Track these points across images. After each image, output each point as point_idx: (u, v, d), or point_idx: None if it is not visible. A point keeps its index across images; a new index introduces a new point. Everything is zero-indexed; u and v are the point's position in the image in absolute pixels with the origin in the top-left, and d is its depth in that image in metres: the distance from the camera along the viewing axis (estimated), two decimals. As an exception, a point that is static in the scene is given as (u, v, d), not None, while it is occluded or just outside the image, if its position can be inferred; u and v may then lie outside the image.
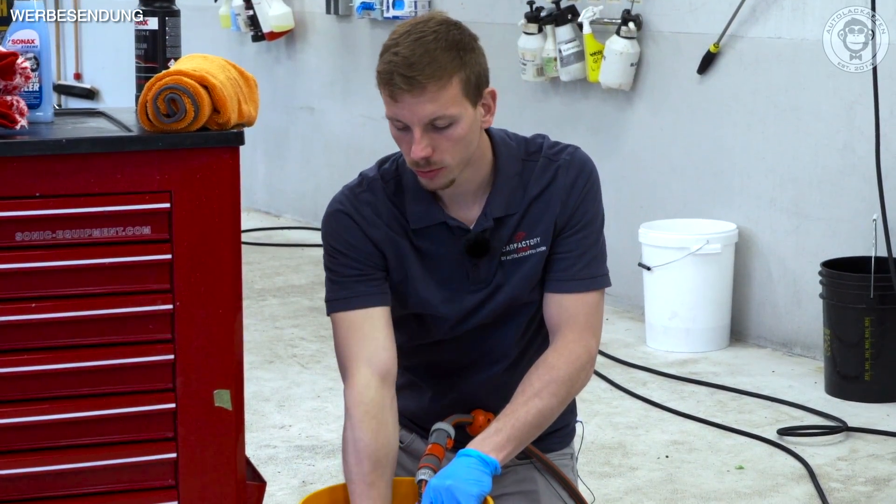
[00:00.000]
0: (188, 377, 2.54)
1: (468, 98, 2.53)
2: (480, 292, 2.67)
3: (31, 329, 2.45)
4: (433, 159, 2.53)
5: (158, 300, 2.51)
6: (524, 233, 2.66)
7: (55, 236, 2.44)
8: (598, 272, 2.67)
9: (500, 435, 2.54)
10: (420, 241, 2.66)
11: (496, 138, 2.68)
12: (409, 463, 2.79)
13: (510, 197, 2.65)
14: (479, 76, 2.55)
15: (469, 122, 2.54)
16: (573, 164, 2.66)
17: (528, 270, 2.66)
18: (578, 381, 2.66)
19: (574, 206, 2.65)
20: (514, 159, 2.66)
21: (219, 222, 2.52)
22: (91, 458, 2.51)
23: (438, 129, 2.51)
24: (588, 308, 2.65)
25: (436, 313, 2.68)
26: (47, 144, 2.41)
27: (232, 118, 2.52)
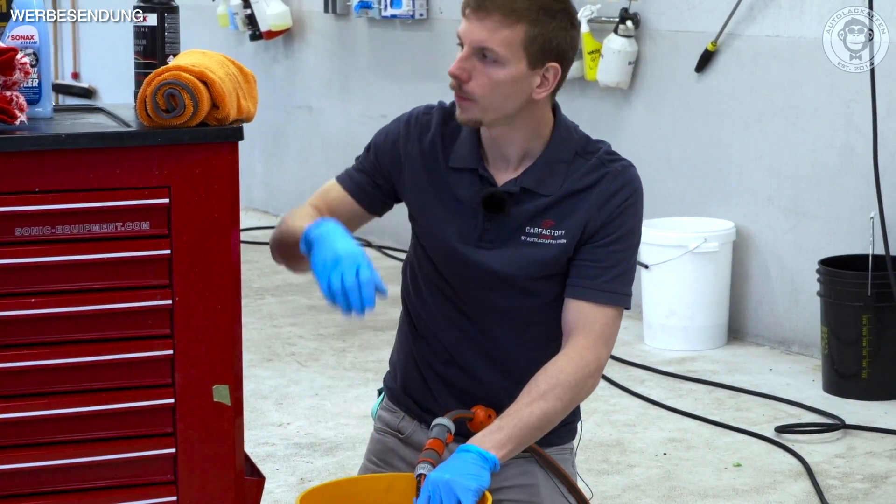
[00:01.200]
0: (187, 372, 2.54)
1: (526, 54, 2.56)
2: (485, 252, 2.67)
3: (31, 324, 2.46)
4: (465, 87, 2.57)
5: (157, 295, 2.51)
6: (553, 221, 2.65)
7: (54, 231, 2.44)
8: (623, 290, 2.66)
9: (502, 433, 2.54)
10: (452, 179, 2.70)
11: (561, 122, 2.69)
12: (410, 455, 2.79)
13: (548, 177, 2.66)
14: (548, 43, 2.57)
15: (514, 75, 2.56)
16: (622, 176, 2.67)
17: (540, 257, 2.65)
18: (585, 388, 2.64)
19: (609, 215, 2.64)
20: (569, 149, 2.68)
21: (218, 217, 2.52)
22: (90, 454, 2.51)
23: (484, 61, 2.56)
24: (606, 319, 2.65)
25: (440, 248, 2.70)
26: (46, 140, 2.41)
27: (231, 114, 2.53)
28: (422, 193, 2.72)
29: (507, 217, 2.66)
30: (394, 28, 7.94)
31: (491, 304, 2.70)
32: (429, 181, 2.71)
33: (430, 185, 2.71)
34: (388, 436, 2.83)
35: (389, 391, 2.86)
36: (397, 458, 2.80)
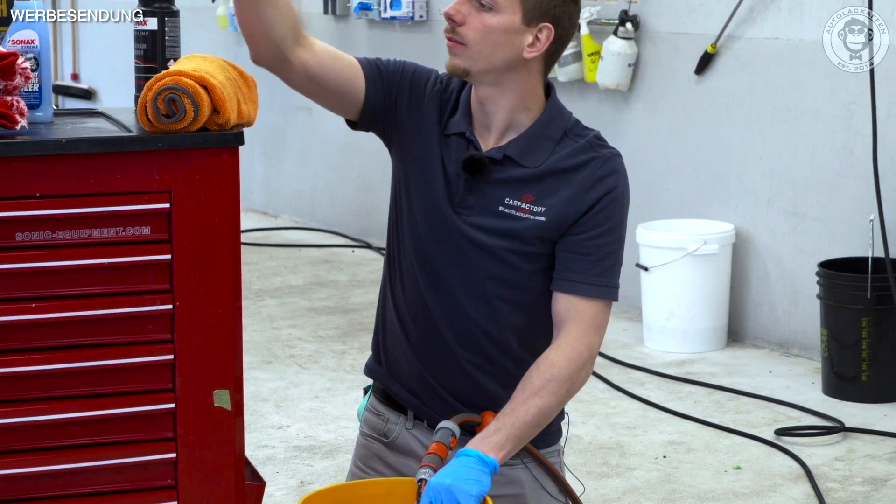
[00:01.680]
0: (187, 377, 2.53)
1: (522, 8, 2.58)
2: (461, 217, 2.65)
3: (32, 329, 2.45)
4: (459, 29, 2.59)
5: (158, 300, 2.50)
6: (533, 196, 2.63)
7: (55, 236, 2.44)
8: (613, 283, 2.65)
9: (500, 434, 2.53)
10: (443, 143, 2.69)
11: (554, 102, 2.70)
12: (395, 460, 2.77)
13: (533, 151, 2.65)
14: (547, 5, 2.60)
15: (506, 24, 2.59)
16: (610, 163, 2.65)
17: (514, 230, 2.63)
18: (578, 380, 2.64)
19: (595, 202, 2.62)
20: (558, 126, 2.67)
21: (218, 222, 2.52)
22: (91, 458, 2.51)
23: (480, 8, 2.58)
24: (596, 310, 2.63)
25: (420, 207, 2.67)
26: (47, 145, 2.41)
27: (231, 118, 2.52)
28: (416, 146, 2.70)
29: (487, 185, 2.64)
30: (393, 29, 7.94)
31: (463, 273, 2.66)
32: (428, 134, 2.69)
33: (425, 142, 2.69)
34: (373, 441, 2.80)
35: (369, 370, 2.84)
36: (382, 464, 2.78)
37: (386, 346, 2.77)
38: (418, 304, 2.69)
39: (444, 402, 2.69)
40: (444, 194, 2.66)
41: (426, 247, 2.67)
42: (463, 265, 2.66)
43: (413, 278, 2.69)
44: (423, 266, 2.68)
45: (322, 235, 8.50)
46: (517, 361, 2.68)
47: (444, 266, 2.66)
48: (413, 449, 2.74)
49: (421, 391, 2.71)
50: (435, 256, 2.67)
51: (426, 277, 2.67)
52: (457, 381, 2.69)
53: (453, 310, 2.67)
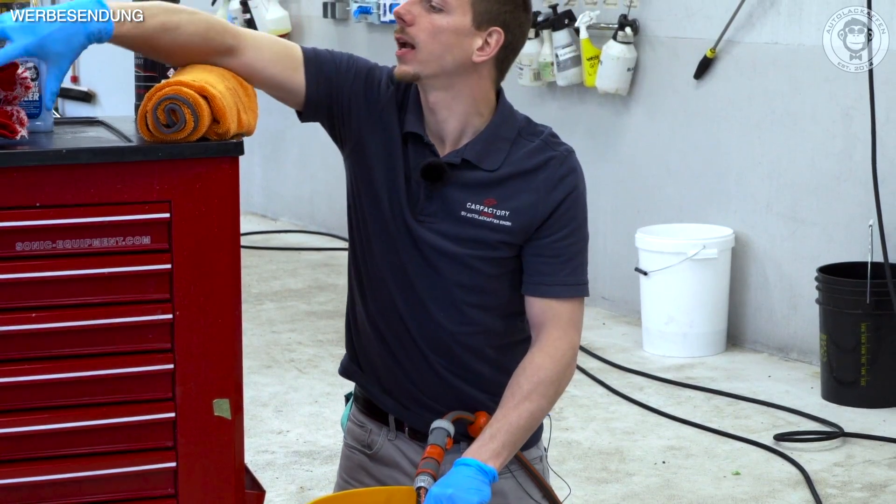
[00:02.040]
0: (188, 386, 2.54)
1: (473, 11, 2.58)
2: (421, 225, 2.63)
3: (32, 339, 2.45)
4: (408, 29, 2.58)
5: (158, 310, 2.51)
6: (495, 200, 2.62)
7: (55, 246, 2.44)
8: (583, 280, 2.65)
9: (496, 441, 2.54)
10: (404, 149, 2.66)
11: (503, 103, 2.69)
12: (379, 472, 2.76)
13: (490, 153, 2.63)
14: (497, 8, 2.60)
15: (457, 27, 2.57)
16: (567, 162, 2.65)
17: (479, 234, 2.62)
18: (565, 379, 2.65)
19: (557, 202, 2.62)
20: (511, 127, 2.66)
21: (218, 232, 2.52)
22: (91, 468, 2.51)
23: (429, 8, 2.57)
24: (572, 308, 2.64)
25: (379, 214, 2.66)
26: (47, 155, 2.41)
27: (231, 128, 2.53)
28: (379, 150, 2.67)
29: (447, 190, 2.63)
30: (392, 33, 7.94)
31: (430, 281, 2.65)
32: (388, 143, 2.67)
33: (388, 147, 2.66)
34: (357, 452, 2.80)
35: (344, 370, 2.82)
36: (367, 476, 2.78)
37: (361, 347, 2.76)
38: (389, 309, 2.68)
39: (422, 405, 2.69)
40: (406, 201, 2.64)
41: (392, 255, 2.66)
42: (429, 273, 2.65)
43: (382, 284, 2.68)
44: (390, 273, 2.66)
45: (322, 238, 8.50)
46: (493, 365, 2.68)
47: (412, 274, 2.65)
48: (396, 461, 2.74)
49: (399, 394, 2.71)
50: (401, 264, 2.66)
51: (395, 284, 2.66)
52: (433, 386, 2.69)
53: (423, 317, 2.66)
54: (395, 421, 2.73)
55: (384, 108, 2.68)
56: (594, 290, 6.78)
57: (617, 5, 6.58)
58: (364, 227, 2.70)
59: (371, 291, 2.70)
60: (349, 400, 2.86)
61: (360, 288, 2.74)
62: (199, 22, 2.54)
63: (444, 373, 2.67)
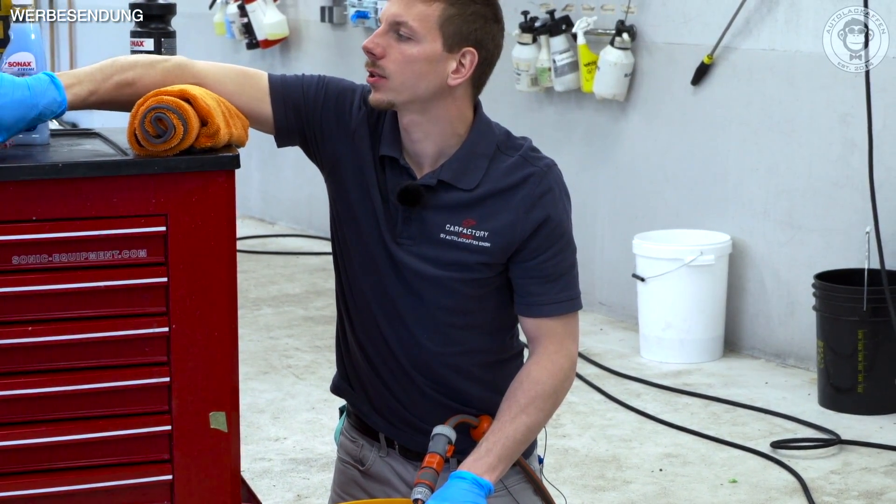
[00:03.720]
0: (184, 399, 2.54)
1: (441, 34, 2.52)
2: (400, 248, 2.60)
3: (28, 352, 2.46)
4: (378, 62, 2.55)
5: (154, 323, 2.51)
6: (474, 221, 2.58)
7: (51, 260, 2.44)
8: (575, 294, 2.63)
9: (492, 455, 2.54)
10: (377, 169, 2.63)
11: (481, 117, 2.63)
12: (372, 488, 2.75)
13: (468, 171, 2.59)
14: (466, 27, 2.54)
15: (427, 53, 2.53)
16: (547, 178, 2.60)
17: (459, 257, 2.59)
18: (563, 392, 2.64)
19: (538, 223, 2.58)
20: (488, 142, 2.61)
21: (214, 245, 2.52)
22: (87, 481, 2.51)
23: (398, 38, 2.53)
24: (566, 322, 2.63)
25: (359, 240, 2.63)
26: (43, 169, 2.41)
27: (221, 127, 2.52)
28: (355, 174, 2.64)
29: (425, 213, 2.59)
30: (390, 38, 7.94)
31: (412, 303, 2.63)
32: (363, 167, 2.63)
33: (363, 171, 2.63)
34: (349, 467, 2.80)
35: (335, 388, 2.81)
36: (360, 491, 2.77)
37: (350, 365, 2.75)
38: (373, 331, 2.67)
39: (410, 425, 2.68)
40: (386, 226, 2.61)
41: (374, 279, 2.64)
42: (411, 295, 2.62)
43: (366, 307, 2.66)
44: (373, 296, 2.65)
45: (319, 243, 8.50)
46: (481, 384, 2.67)
47: (393, 296, 2.63)
48: (388, 478, 2.73)
49: (388, 413, 2.70)
50: (383, 286, 2.63)
51: (378, 309, 2.65)
52: (420, 405, 2.68)
53: (407, 339, 2.64)
54: (385, 439, 2.73)
55: (356, 131, 2.64)
56: (591, 295, 6.81)
57: (614, 11, 6.58)
58: (346, 248, 2.68)
59: (356, 314, 2.69)
60: (343, 413, 2.86)
61: (346, 310, 2.73)
62: (156, 72, 2.55)
63: (430, 393, 2.66)
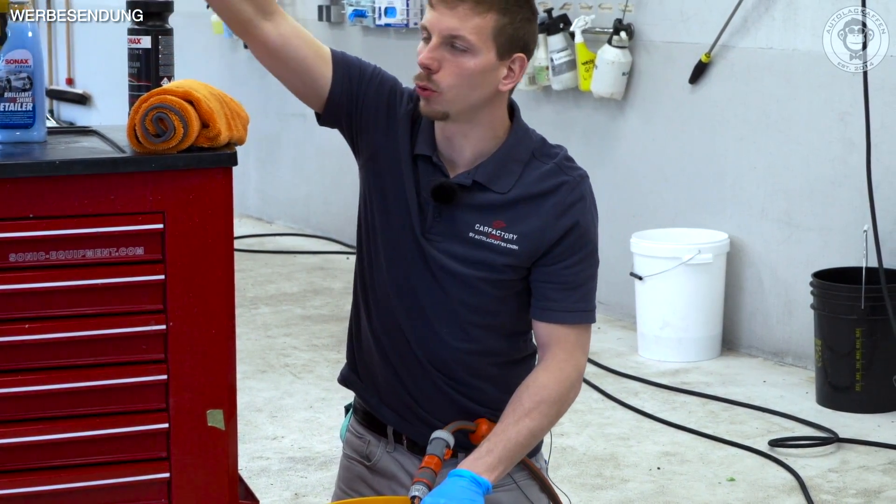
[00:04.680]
0: (181, 397, 2.54)
1: (495, 44, 2.54)
2: (429, 243, 2.62)
3: (25, 350, 2.46)
4: (433, 77, 2.53)
5: (152, 320, 2.51)
6: (504, 223, 2.61)
7: (49, 257, 2.45)
8: (591, 307, 2.65)
9: (492, 455, 2.54)
10: (414, 167, 2.65)
11: (519, 122, 2.66)
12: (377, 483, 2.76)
13: (502, 175, 2.61)
14: (516, 34, 2.56)
15: (483, 65, 2.54)
16: (579, 187, 2.63)
17: (489, 259, 2.61)
18: (568, 400, 2.65)
19: (566, 229, 2.61)
20: (525, 148, 2.64)
21: (212, 242, 2.53)
22: (85, 479, 2.52)
23: (453, 51, 2.52)
24: (579, 332, 2.64)
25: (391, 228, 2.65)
26: (40, 166, 2.42)
27: (222, 130, 2.52)
28: (392, 165, 2.65)
29: (456, 211, 2.61)
30: (388, 36, 7.95)
31: (435, 298, 2.64)
32: (401, 159, 2.64)
33: (399, 164, 2.64)
34: (355, 463, 2.80)
35: (344, 379, 2.82)
36: (365, 486, 2.77)
37: (362, 358, 2.75)
38: (392, 324, 2.67)
39: (421, 420, 2.69)
40: (417, 220, 2.62)
41: (399, 271, 2.65)
42: (435, 290, 2.64)
43: (387, 299, 2.67)
44: (396, 289, 2.65)
45: (317, 242, 8.50)
46: (495, 382, 2.68)
47: (418, 291, 2.64)
48: (394, 473, 2.74)
49: (398, 406, 2.71)
50: (408, 281, 2.64)
51: (399, 300, 2.65)
52: (433, 400, 2.68)
53: (427, 333, 2.65)
54: (393, 433, 2.73)
55: (400, 123, 2.65)
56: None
57: (612, 10, 6.58)
58: (373, 239, 2.68)
59: (375, 304, 2.69)
60: (349, 411, 2.86)
61: (364, 300, 2.72)
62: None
63: (445, 388, 2.67)
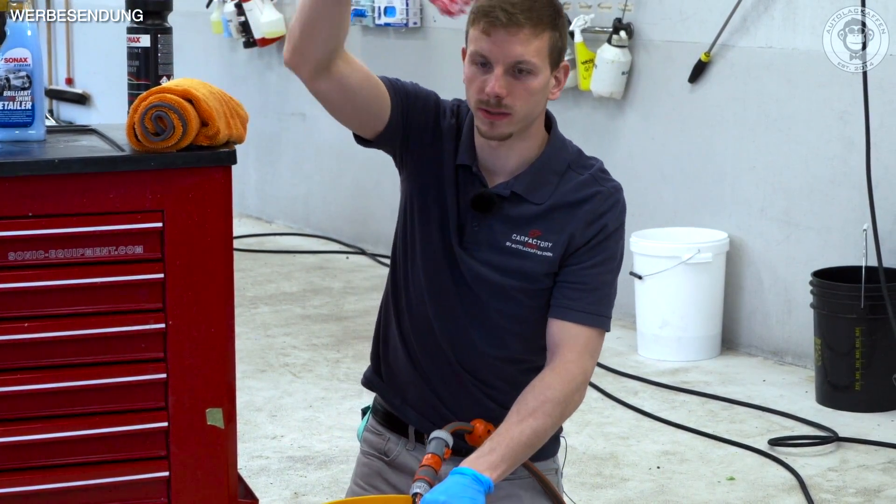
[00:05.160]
0: (180, 396, 2.54)
1: (550, 59, 2.60)
2: (466, 253, 2.67)
3: (24, 348, 2.46)
4: (505, 101, 2.58)
5: (151, 319, 2.51)
6: (540, 231, 2.66)
7: (48, 256, 2.45)
8: (606, 312, 2.69)
9: (495, 454, 2.55)
10: (454, 174, 2.69)
11: (556, 133, 2.71)
12: (396, 479, 2.78)
13: (540, 186, 2.67)
14: (563, 44, 2.64)
15: (544, 81, 2.60)
16: (612, 197, 2.69)
17: (526, 268, 2.66)
18: (573, 403, 2.67)
19: (595, 235, 2.66)
20: (562, 160, 2.70)
21: (211, 241, 2.53)
22: (85, 477, 2.52)
23: (518, 75, 2.57)
24: (590, 335, 2.67)
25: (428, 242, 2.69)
26: (39, 165, 2.42)
27: (221, 129, 2.53)
28: (434, 178, 2.70)
29: (494, 221, 2.66)
30: (387, 36, 7.94)
31: (471, 306, 2.69)
32: (443, 173, 2.70)
33: (442, 177, 2.70)
34: (374, 458, 2.82)
35: (367, 382, 2.85)
36: (383, 482, 2.79)
37: (387, 360, 2.79)
38: (424, 327, 2.72)
39: (444, 420, 2.71)
40: (456, 230, 2.68)
41: (436, 278, 2.70)
42: (472, 299, 2.69)
43: (421, 304, 2.71)
44: (431, 295, 2.70)
45: (316, 241, 8.50)
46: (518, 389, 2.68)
47: (453, 298, 2.69)
48: (413, 468, 2.74)
49: (423, 407, 2.74)
50: (444, 288, 2.70)
51: (434, 306, 2.70)
52: (460, 401, 2.73)
53: (460, 339, 2.70)
54: (414, 432, 2.77)
55: (444, 137, 2.70)
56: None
57: (612, 9, 6.58)
58: (412, 244, 2.73)
59: (408, 307, 2.74)
60: (365, 413, 2.89)
61: (395, 304, 2.77)
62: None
63: (472, 389, 2.71)
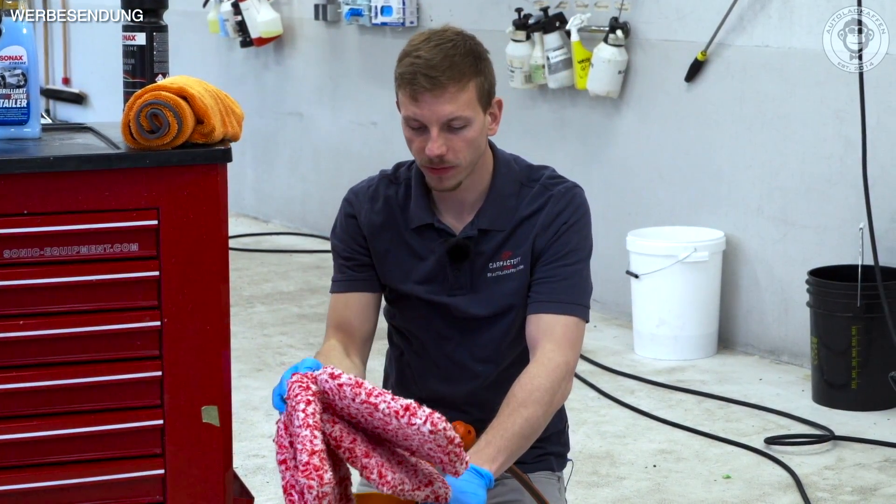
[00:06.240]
0: (176, 393, 2.53)
1: (480, 103, 2.71)
2: (459, 297, 2.79)
3: (19, 346, 2.45)
4: (447, 158, 2.68)
5: (146, 317, 2.50)
6: (510, 252, 2.78)
7: (43, 254, 2.44)
8: (579, 300, 2.77)
9: (491, 447, 2.57)
10: (412, 241, 2.81)
11: (499, 157, 2.83)
12: None
13: (500, 214, 2.79)
14: (490, 84, 2.74)
15: (480, 127, 2.71)
16: (565, 196, 2.79)
17: (508, 288, 2.78)
18: (560, 392, 2.73)
19: (555, 234, 2.77)
20: (513, 181, 2.81)
21: (206, 239, 2.52)
22: (79, 475, 2.51)
23: (453, 130, 2.68)
24: (566, 325, 2.75)
25: (414, 307, 2.84)
26: (35, 162, 2.41)
27: (216, 126, 2.52)
28: (387, 256, 2.83)
29: (472, 260, 2.79)
30: (384, 35, 7.94)
31: (471, 345, 2.82)
32: (390, 244, 2.82)
33: (392, 247, 2.82)
34: None
35: None
36: None
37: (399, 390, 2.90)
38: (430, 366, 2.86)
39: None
40: (439, 284, 2.80)
41: (435, 330, 2.83)
42: (471, 339, 2.83)
43: (424, 353, 2.87)
44: (434, 345, 2.84)
45: (313, 241, 8.49)
46: None
47: (454, 344, 2.83)
48: None
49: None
50: (443, 338, 2.83)
51: (437, 352, 2.85)
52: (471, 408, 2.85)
53: (464, 376, 2.84)
54: None
55: (382, 225, 2.82)
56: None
57: (608, 8, 6.58)
58: (402, 316, 2.87)
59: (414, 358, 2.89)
60: None
61: (399, 358, 2.94)
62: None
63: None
